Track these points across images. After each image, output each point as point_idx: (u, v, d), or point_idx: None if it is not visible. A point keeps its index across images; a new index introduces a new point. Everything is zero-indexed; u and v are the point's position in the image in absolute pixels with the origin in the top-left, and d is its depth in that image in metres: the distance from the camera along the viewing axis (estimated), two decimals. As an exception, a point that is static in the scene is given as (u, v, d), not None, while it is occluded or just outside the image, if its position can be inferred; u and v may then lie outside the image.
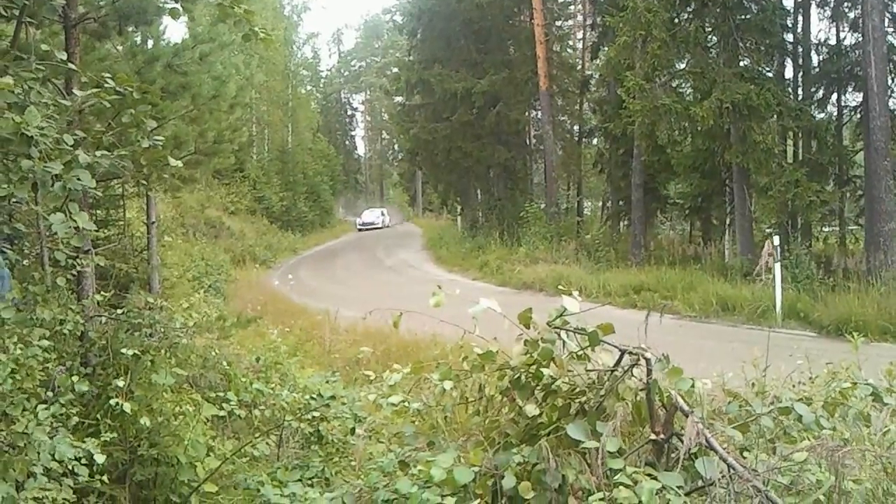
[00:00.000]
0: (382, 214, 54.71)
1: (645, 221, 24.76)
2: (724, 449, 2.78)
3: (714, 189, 24.09)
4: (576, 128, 34.80)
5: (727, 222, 23.98)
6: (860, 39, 19.74)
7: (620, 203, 27.76)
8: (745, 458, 3.05)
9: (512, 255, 25.85)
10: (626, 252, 23.66)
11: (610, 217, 28.73)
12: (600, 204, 32.34)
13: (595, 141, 33.00)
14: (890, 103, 19.67)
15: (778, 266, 15.54)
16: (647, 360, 2.91)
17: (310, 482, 5.03)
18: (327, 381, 6.22)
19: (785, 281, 15.79)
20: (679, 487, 2.62)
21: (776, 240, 16.30)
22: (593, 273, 21.10)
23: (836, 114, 22.34)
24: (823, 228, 23.20)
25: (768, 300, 15.58)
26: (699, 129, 20.67)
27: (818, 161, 20.51)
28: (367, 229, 51.46)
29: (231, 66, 11.12)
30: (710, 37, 21.56)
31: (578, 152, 33.21)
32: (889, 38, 19.83)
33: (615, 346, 3.07)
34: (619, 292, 18.69)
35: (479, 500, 2.79)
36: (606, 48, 26.05)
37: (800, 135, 22.09)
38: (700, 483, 2.76)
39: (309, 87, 63.55)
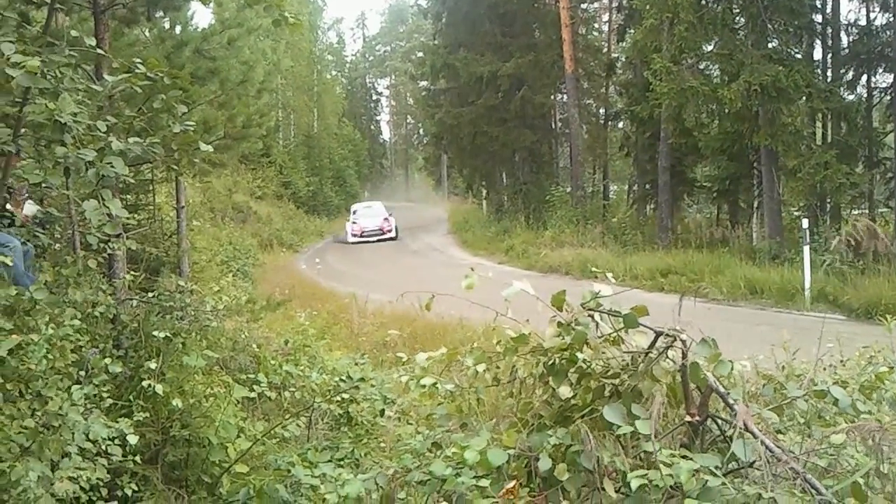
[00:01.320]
0: (387, 219, 36.04)
1: (672, 205, 24.57)
2: (760, 431, 2.75)
3: (742, 172, 23.83)
4: (602, 111, 34.52)
5: (755, 205, 23.73)
6: (891, 20, 19.41)
7: (647, 186, 27.54)
8: (780, 440, 3.02)
9: (537, 239, 25.80)
10: (652, 235, 23.51)
11: (636, 200, 28.52)
12: (626, 187, 32.11)
13: (621, 124, 32.72)
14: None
15: (807, 249, 15.38)
16: (683, 342, 2.88)
17: (340, 463, 5.07)
18: (356, 364, 6.25)
19: (814, 264, 15.62)
20: (716, 468, 2.60)
21: (805, 223, 16.13)
22: (620, 256, 21.01)
23: (865, 95, 22.00)
24: (853, 211, 22.89)
25: (797, 283, 15.43)
26: (727, 111, 20.43)
27: (847, 143, 20.20)
28: (363, 240, 34.41)
29: (258, 52, 11.17)
30: (737, 18, 21.23)
31: (604, 136, 32.98)
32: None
33: (650, 328, 3.04)
34: (646, 276, 18.61)
35: (514, 482, 2.78)
36: (633, 30, 25.81)
37: (829, 117, 21.74)
38: (736, 465, 2.73)
39: (334, 73, 63.64)
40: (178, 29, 9.86)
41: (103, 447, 4.12)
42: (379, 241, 33.54)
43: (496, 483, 2.81)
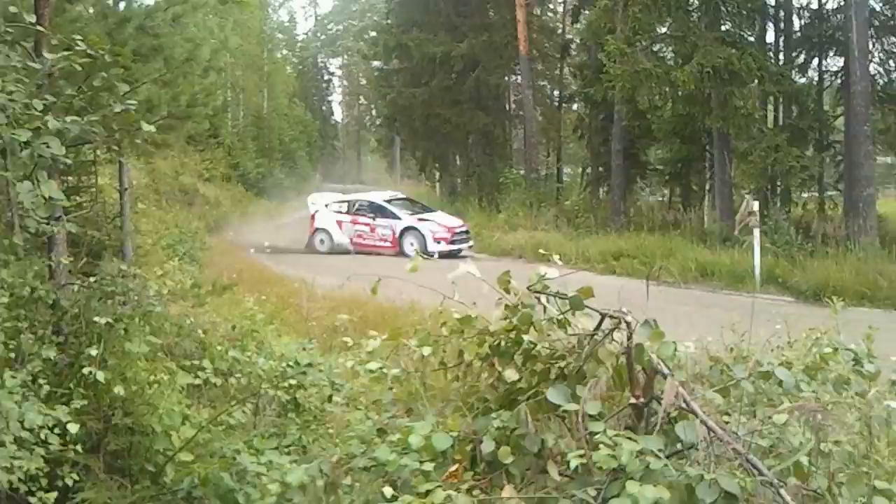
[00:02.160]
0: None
1: (625, 188, 24.77)
2: (704, 412, 2.75)
3: (694, 155, 24.15)
4: (556, 93, 34.57)
5: (707, 188, 24.03)
6: (842, 4, 19.72)
7: (600, 169, 27.71)
8: (726, 421, 3.03)
9: (491, 222, 25.80)
10: (605, 218, 23.68)
11: (590, 183, 28.67)
12: (580, 170, 32.24)
13: (575, 106, 32.83)
14: (871, 68, 19.74)
15: (757, 231, 15.60)
16: (628, 324, 2.87)
17: (287, 450, 4.99)
18: (304, 349, 6.16)
19: (763, 247, 15.85)
20: (659, 450, 2.59)
21: (755, 205, 16.34)
22: (573, 239, 21.12)
23: (816, 79, 22.37)
24: (803, 194, 23.30)
25: (747, 266, 15.66)
26: (680, 94, 20.62)
27: (798, 126, 20.57)
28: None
29: (205, 29, 10.92)
30: (691, 0, 21.43)
31: (559, 118, 33.03)
32: (871, 2, 19.83)
33: (596, 310, 3.02)
34: (598, 259, 18.76)
35: (457, 466, 2.76)
36: (587, 11, 25.89)
37: (780, 100, 22.12)
38: (680, 447, 2.73)
39: (285, 52, 62.69)
40: (121, 5, 9.59)
41: (41, 436, 4.01)
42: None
43: (440, 467, 2.78)
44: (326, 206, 24.99)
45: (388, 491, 2.70)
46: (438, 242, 21.47)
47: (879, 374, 3.59)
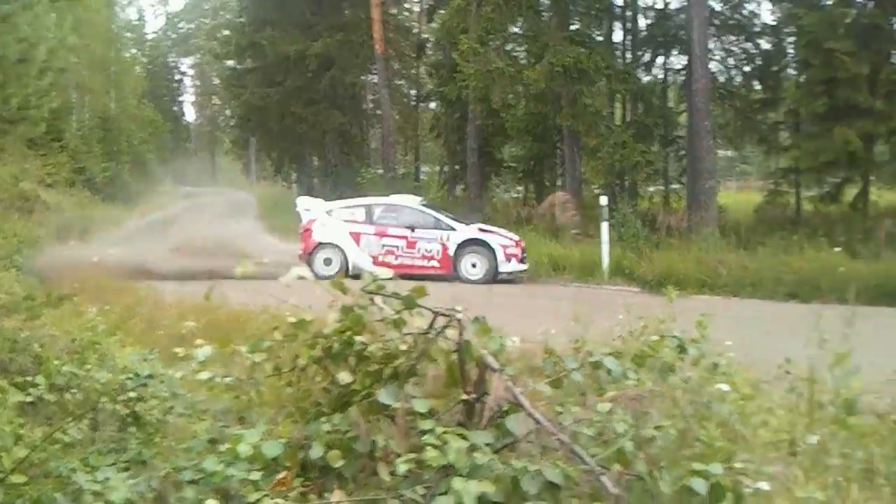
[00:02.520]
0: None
1: (481, 185, 25.16)
2: (533, 405, 2.80)
3: (546, 152, 24.81)
4: (413, 92, 34.75)
5: (559, 184, 24.71)
6: (685, 3, 20.67)
7: (457, 167, 28.04)
8: (559, 412, 3.10)
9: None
10: (462, 215, 23.92)
11: (446, 181, 28.98)
12: (438, 168, 32.53)
13: (432, 105, 33.09)
14: (712, 66, 20.86)
15: (605, 225, 16.13)
16: (459, 321, 2.90)
17: (126, 465, 4.78)
18: (145, 360, 5.91)
19: (613, 240, 16.41)
20: (488, 445, 2.62)
21: (603, 200, 16.91)
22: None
23: (661, 76, 23.43)
24: (649, 188, 24.33)
25: (597, 258, 16.17)
26: (532, 92, 21.09)
27: (644, 123, 21.45)
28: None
29: (42, 28, 10.36)
30: (542, 0, 21.98)
31: (415, 117, 33.24)
32: (711, 2, 20.91)
33: (429, 309, 3.03)
34: (455, 256, 18.87)
35: (284, 473, 2.70)
36: (442, 11, 26.13)
37: (627, 97, 23.01)
38: (510, 440, 2.78)
39: (134, 51, 60.40)
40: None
41: None
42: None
43: (269, 475, 2.71)
44: (329, 212, 18.12)
45: (211, 503, 2.61)
46: (509, 260, 16.20)
47: (703, 359, 3.77)
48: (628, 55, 23.35)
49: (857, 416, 3.66)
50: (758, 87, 22.95)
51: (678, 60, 23.16)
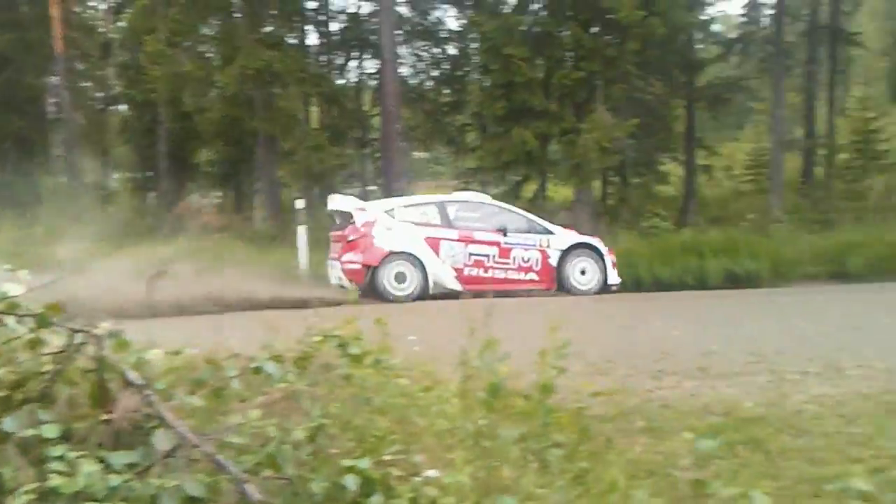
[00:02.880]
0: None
1: (174, 191, 24.17)
2: (183, 419, 2.71)
3: (242, 156, 24.36)
4: (100, 94, 32.49)
5: (257, 189, 24.40)
6: (376, 8, 21.23)
7: (149, 173, 26.74)
8: (219, 422, 3.02)
9: (29, 237, 23.46)
10: (152, 225, 22.86)
11: (138, 188, 27.58)
12: (129, 175, 30.75)
13: (122, 108, 31.19)
14: (404, 70, 21.64)
15: (301, 229, 16.10)
16: (96, 337, 2.73)
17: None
18: None
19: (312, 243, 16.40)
20: (132, 465, 2.50)
21: (301, 203, 16.89)
22: (121, 248, 20.01)
23: (356, 80, 23.92)
24: (347, 190, 24.70)
25: (296, 262, 16.11)
26: (225, 95, 20.63)
27: (339, 126, 21.78)
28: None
29: None
30: (234, 2, 21.56)
31: (103, 121, 31.12)
32: (401, 8, 21.65)
33: (63, 326, 2.82)
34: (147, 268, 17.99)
35: None
36: (129, 11, 24.80)
37: (322, 100, 23.22)
38: (157, 458, 2.66)
39: None
40: None
41: None
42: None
43: None
44: (390, 212, 13.58)
45: None
46: (615, 268, 13.62)
47: (367, 356, 3.86)
48: (322, 59, 23.57)
49: (506, 399, 3.93)
50: (446, 90, 24.17)
51: (371, 64, 23.82)
